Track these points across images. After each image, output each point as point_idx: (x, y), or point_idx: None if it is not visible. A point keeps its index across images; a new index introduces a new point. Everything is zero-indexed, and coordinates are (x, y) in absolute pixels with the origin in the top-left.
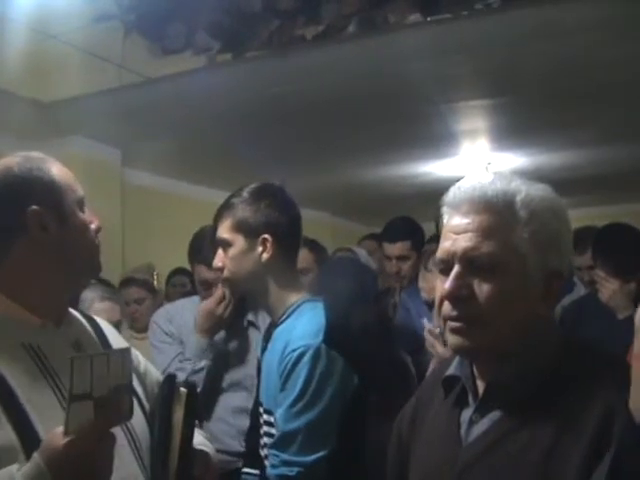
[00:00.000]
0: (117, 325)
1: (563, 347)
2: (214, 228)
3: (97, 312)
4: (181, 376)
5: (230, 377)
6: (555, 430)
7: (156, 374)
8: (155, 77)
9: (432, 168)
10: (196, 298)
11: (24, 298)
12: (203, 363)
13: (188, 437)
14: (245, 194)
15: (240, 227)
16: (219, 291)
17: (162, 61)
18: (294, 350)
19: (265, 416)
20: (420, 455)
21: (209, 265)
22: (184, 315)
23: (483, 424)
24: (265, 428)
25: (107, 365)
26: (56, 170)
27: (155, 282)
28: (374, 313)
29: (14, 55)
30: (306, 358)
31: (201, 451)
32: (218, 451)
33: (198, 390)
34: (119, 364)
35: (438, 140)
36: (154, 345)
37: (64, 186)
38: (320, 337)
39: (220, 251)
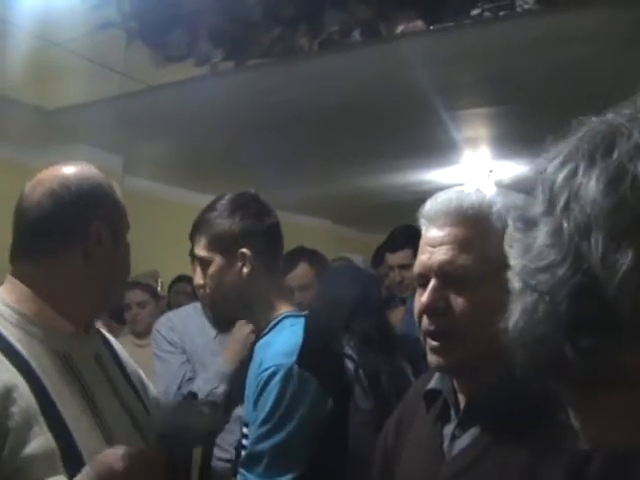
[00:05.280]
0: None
1: None
2: (191, 244)
3: None
4: (201, 394)
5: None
6: (536, 446)
7: (153, 390)
8: (157, 84)
9: (434, 176)
10: (198, 305)
11: (60, 303)
12: (222, 388)
13: (208, 454)
14: (219, 208)
15: (217, 244)
16: (248, 327)
17: (164, 69)
18: (266, 369)
19: (244, 429)
20: (404, 469)
21: None
22: (187, 322)
23: (465, 439)
24: (243, 441)
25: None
26: (119, 194)
27: (159, 289)
28: (376, 321)
29: (17, 62)
30: (277, 379)
31: (216, 467)
32: (227, 461)
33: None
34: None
35: (440, 148)
36: (157, 355)
37: (124, 211)
38: (294, 357)
39: (199, 268)
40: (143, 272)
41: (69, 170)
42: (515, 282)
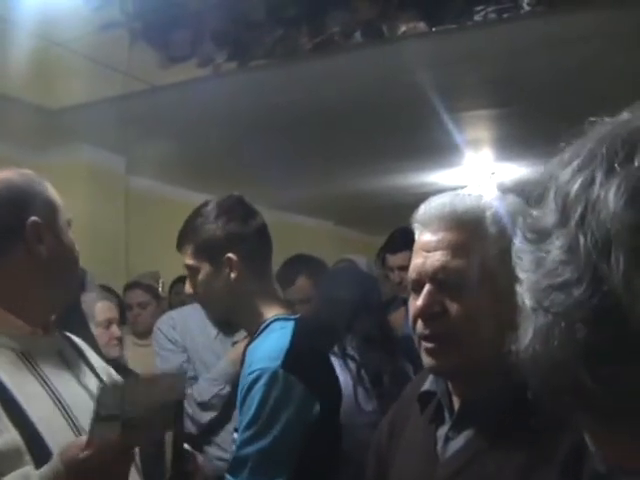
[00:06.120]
0: (110, 322)
1: None
2: (180, 252)
3: (100, 310)
4: (205, 395)
5: None
6: (529, 449)
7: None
8: (160, 85)
9: (436, 178)
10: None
11: (15, 306)
12: (227, 390)
13: (180, 436)
14: (203, 214)
15: (203, 251)
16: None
17: (167, 69)
18: (251, 373)
19: (234, 434)
20: (397, 471)
21: None
22: (188, 321)
23: (459, 441)
24: (232, 446)
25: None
26: (52, 189)
27: (160, 290)
28: (378, 321)
29: (20, 62)
30: (261, 382)
31: (190, 451)
32: (227, 461)
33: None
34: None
35: (442, 150)
36: (158, 353)
37: (59, 204)
38: (279, 360)
39: (189, 276)
40: (144, 273)
41: None
42: (526, 299)
